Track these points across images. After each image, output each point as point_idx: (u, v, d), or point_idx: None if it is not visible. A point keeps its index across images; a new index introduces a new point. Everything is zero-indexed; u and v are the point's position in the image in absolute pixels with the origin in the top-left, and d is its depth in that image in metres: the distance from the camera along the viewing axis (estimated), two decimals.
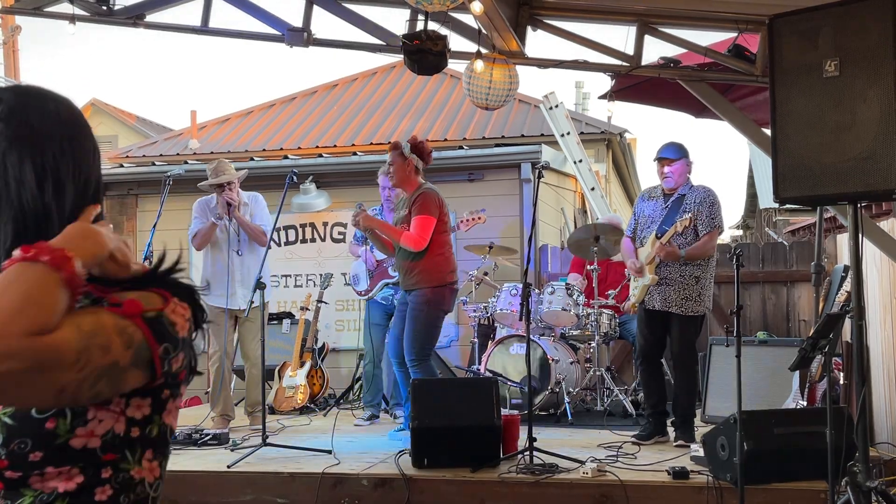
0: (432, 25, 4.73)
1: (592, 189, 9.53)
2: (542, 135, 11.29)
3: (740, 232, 21.60)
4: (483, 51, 5.22)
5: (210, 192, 6.47)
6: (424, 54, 4.54)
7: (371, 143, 13.07)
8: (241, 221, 6.31)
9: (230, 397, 6.56)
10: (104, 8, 5.62)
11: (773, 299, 8.01)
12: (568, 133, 9.61)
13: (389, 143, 5.81)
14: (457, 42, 5.22)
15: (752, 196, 19.22)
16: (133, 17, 5.56)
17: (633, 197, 16.05)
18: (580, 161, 9.54)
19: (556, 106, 9.69)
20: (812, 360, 3.75)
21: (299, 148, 13.23)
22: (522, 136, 12.63)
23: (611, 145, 13.77)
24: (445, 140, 12.83)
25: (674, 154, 5.59)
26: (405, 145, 5.58)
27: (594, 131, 12.98)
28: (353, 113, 14.51)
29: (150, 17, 5.68)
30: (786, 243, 8.54)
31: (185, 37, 5.78)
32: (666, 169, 5.57)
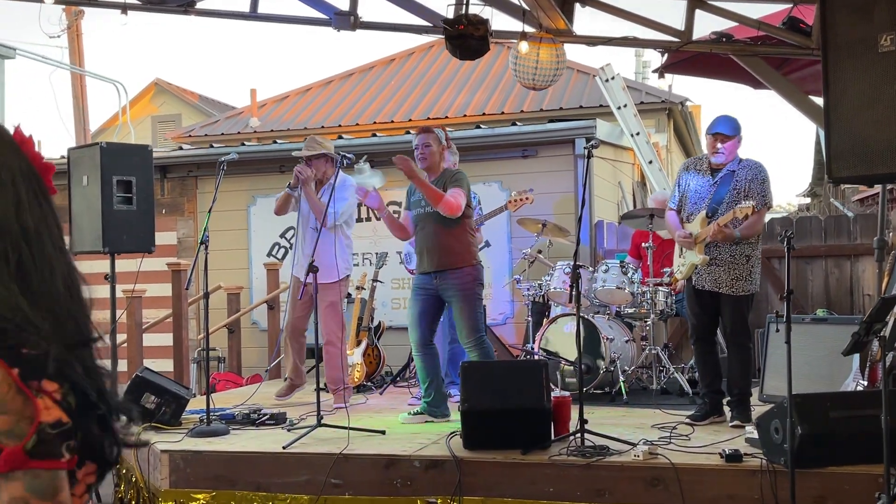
0: (475, 8, 4.70)
1: (650, 162, 9.39)
2: (601, 106, 11.16)
3: (808, 200, 21.07)
4: (529, 29, 5.15)
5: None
6: (466, 39, 4.51)
7: (428, 118, 13.08)
8: (306, 194, 6.40)
9: (298, 364, 6.70)
10: None
11: (837, 273, 7.80)
12: (625, 105, 9.48)
13: (424, 127, 5.86)
14: (502, 20, 5.17)
15: (819, 163, 18.71)
16: (184, 5, 5.62)
17: None
18: (637, 134, 9.40)
19: (613, 78, 9.55)
20: (866, 345, 3.66)
21: (357, 124, 13.30)
22: (581, 107, 12.49)
23: (672, 114, 13.55)
24: (503, 113, 12.76)
25: (730, 130, 5.39)
26: (440, 132, 5.67)
27: (654, 100, 12.78)
28: (409, 88, 14.51)
29: (201, 5, 5.73)
30: (850, 214, 8.31)
31: None
32: (720, 145, 5.39)
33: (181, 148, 11.30)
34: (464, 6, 4.74)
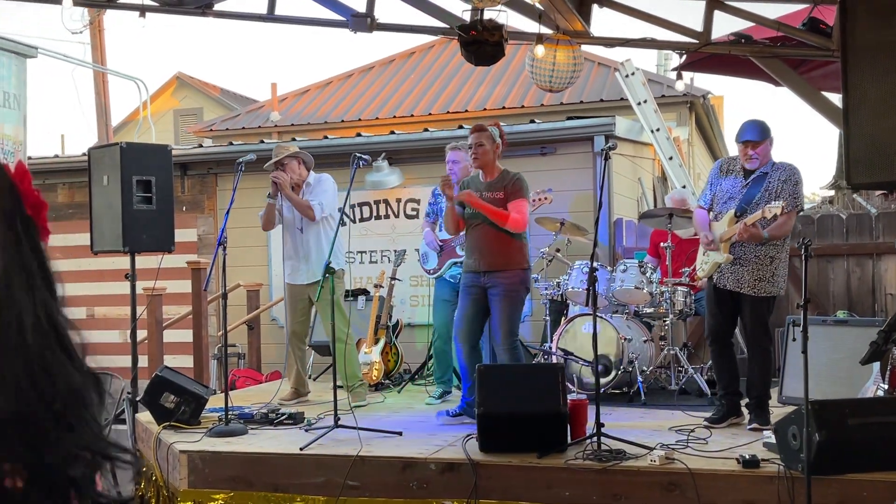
0: (490, 11, 4.67)
1: (671, 158, 9.33)
2: (622, 99, 11.09)
3: (832, 192, 20.84)
4: (546, 30, 5.12)
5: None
6: (481, 45, 4.49)
7: (448, 112, 13.06)
8: (289, 197, 6.46)
9: (300, 373, 6.76)
10: None
11: (858, 272, 7.71)
12: (645, 101, 9.42)
13: (475, 125, 5.72)
14: (519, 22, 5.14)
15: (842, 157, 18.53)
16: (202, 7, 5.63)
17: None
18: (658, 130, 9.34)
19: (633, 73, 9.49)
20: (885, 354, 3.62)
21: (377, 118, 13.31)
22: (601, 100, 12.43)
23: (693, 108, 13.44)
24: (523, 107, 12.73)
25: (759, 136, 5.31)
26: (494, 129, 5.61)
27: (676, 94, 12.67)
28: (429, 81, 14.49)
29: (218, 6, 5.74)
30: (872, 210, 8.21)
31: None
32: (751, 152, 5.31)
33: (201, 145, 11.35)
34: (479, 12, 4.72)
